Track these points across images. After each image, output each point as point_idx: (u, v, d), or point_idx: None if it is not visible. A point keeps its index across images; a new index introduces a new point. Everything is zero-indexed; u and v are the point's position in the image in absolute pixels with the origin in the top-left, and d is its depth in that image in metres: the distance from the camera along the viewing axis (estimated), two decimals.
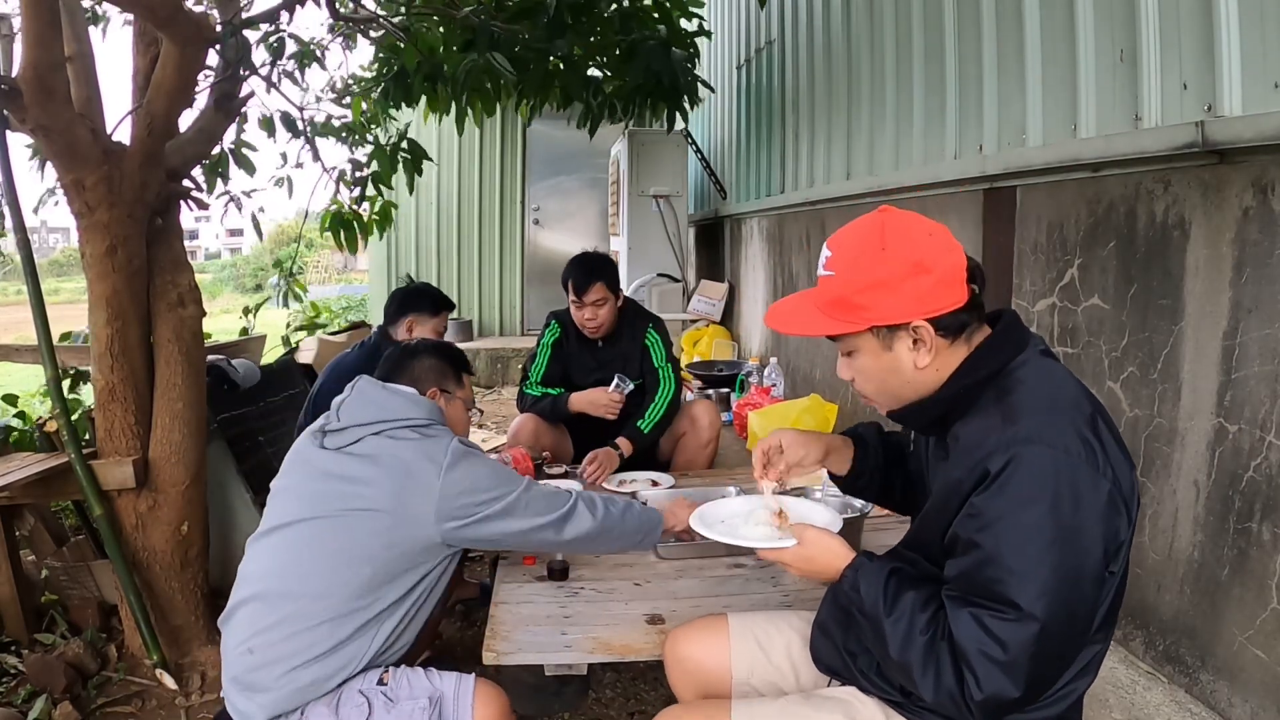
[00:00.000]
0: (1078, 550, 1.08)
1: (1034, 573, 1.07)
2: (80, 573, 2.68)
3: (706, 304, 6.65)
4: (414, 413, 1.72)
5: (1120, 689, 2.03)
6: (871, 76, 3.87)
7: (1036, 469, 1.08)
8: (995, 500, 1.10)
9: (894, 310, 1.17)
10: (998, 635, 1.07)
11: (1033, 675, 1.08)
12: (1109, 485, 1.10)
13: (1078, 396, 1.18)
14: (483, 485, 1.66)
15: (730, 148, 6.62)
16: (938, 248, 1.17)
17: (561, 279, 3.07)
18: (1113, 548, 1.12)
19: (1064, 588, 1.08)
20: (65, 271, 25.85)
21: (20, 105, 2.10)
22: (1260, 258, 1.77)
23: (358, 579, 1.57)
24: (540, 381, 3.10)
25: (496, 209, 8.16)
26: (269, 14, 3.16)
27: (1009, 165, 2.64)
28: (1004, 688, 1.08)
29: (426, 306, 2.81)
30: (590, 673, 2.35)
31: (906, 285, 1.16)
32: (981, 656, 1.08)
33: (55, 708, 2.24)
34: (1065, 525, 1.08)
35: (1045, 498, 1.08)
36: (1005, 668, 1.07)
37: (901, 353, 1.20)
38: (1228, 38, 1.80)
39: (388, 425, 1.67)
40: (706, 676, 1.51)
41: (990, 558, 1.09)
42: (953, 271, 1.17)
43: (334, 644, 1.54)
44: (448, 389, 1.91)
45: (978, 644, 1.08)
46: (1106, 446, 1.13)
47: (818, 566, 1.29)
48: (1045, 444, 1.09)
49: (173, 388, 2.47)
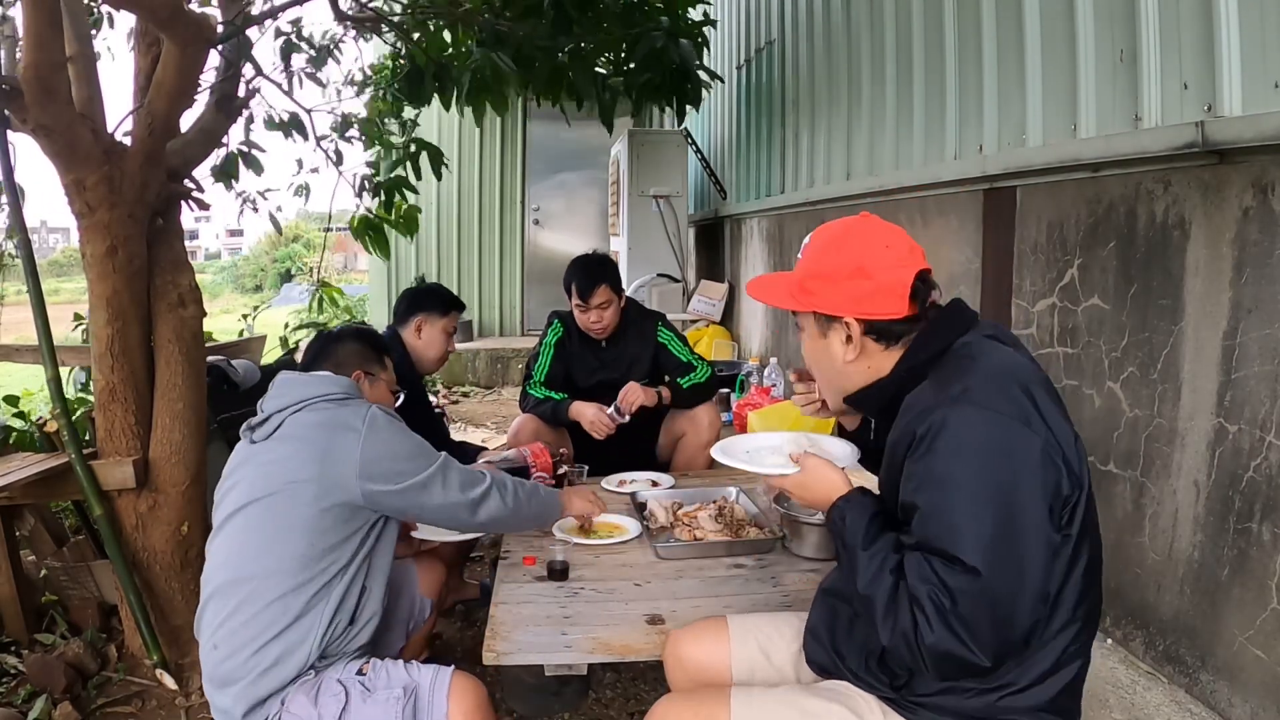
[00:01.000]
0: (1013, 504, 1.11)
1: (970, 527, 1.11)
2: (80, 573, 2.68)
3: (706, 304, 6.65)
4: (330, 389, 1.75)
5: (1120, 689, 2.03)
6: (872, 76, 3.87)
7: (964, 427, 1.13)
8: (927, 460, 1.15)
9: (831, 303, 1.30)
10: (947, 583, 1.10)
11: (985, 634, 1.10)
12: (1040, 440, 1.13)
13: (1014, 366, 1.22)
14: (403, 453, 1.70)
15: (730, 148, 6.62)
16: (886, 261, 1.27)
17: (564, 283, 3.05)
18: (1056, 504, 1.14)
19: (1003, 542, 1.10)
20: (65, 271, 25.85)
21: (21, 105, 2.10)
22: (1260, 258, 1.77)
23: (298, 550, 1.59)
24: (543, 381, 3.09)
25: (496, 209, 8.16)
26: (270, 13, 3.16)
27: (1009, 165, 2.64)
28: (954, 643, 1.10)
29: (436, 306, 2.80)
30: (590, 673, 2.35)
31: (846, 284, 1.28)
32: (933, 600, 1.11)
33: (55, 708, 2.24)
34: (996, 478, 1.11)
35: (974, 453, 1.12)
36: (956, 619, 1.09)
37: (834, 342, 1.31)
38: (1228, 38, 1.81)
39: (305, 402, 1.71)
40: (707, 679, 1.51)
41: (928, 516, 1.14)
42: (894, 285, 1.26)
43: (290, 620, 1.57)
44: (371, 371, 1.93)
45: (929, 588, 1.11)
46: (1041, 407, 1.16)
47: (814, 494, 1.35)
48: (971, 404, 1.15)
49: (173, 388, 2.46)
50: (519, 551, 2.15)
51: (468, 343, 7.67)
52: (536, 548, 2.15)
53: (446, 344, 2.80)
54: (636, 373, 3.10)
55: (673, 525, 2.25)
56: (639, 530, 2.23)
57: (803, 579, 1.97)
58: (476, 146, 8.05)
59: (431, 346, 2.77)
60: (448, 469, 1.75)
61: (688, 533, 2.18)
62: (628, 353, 3.12)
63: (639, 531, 2.23)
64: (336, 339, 1.95)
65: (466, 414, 6.10)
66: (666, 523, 2.26)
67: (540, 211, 8.14)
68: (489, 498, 1.80)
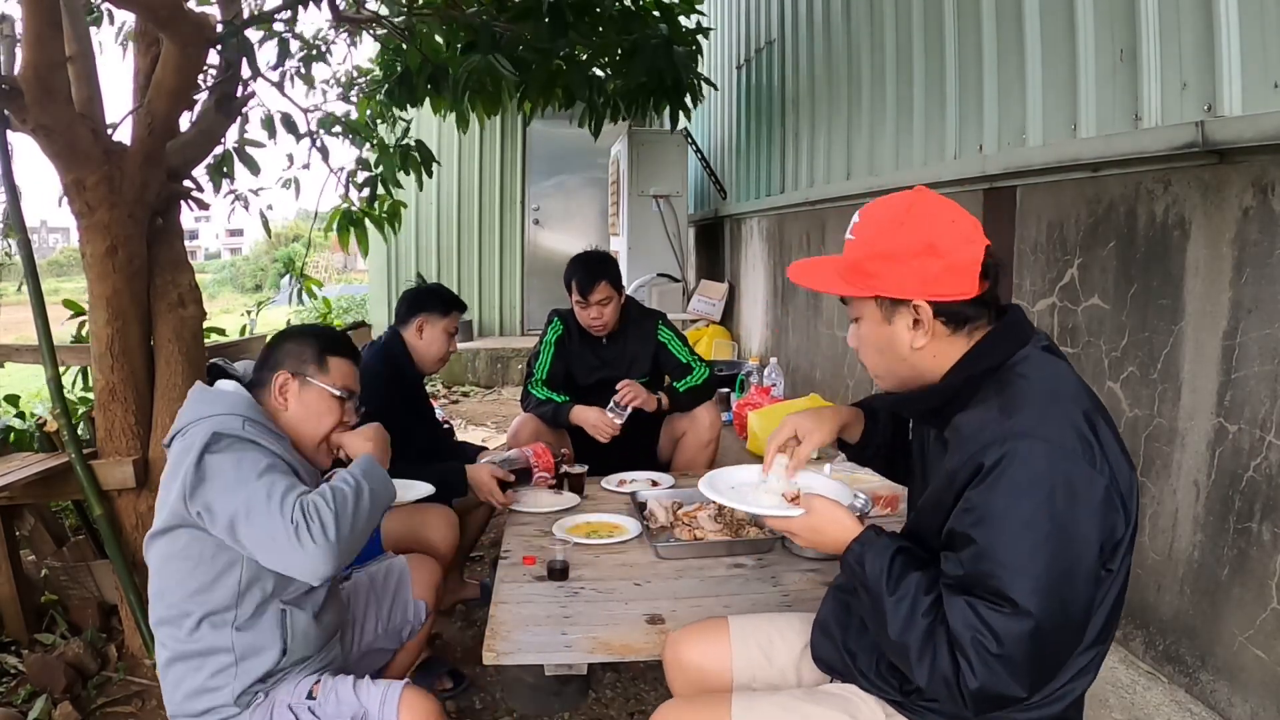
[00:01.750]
0: (1073, 546, 1.08)
1: (1028, 568, 1.07)
2: (80, 573, 2.68)
3: (706, 304, 6.65)
4: (206, 409, 1.57)
5: (1120, 689, 2.03)
6: (872, 76, 3.87)
7: (1031, 463, 1.08)
8: (990, 494, 1.09)
9: (899, 284, 1.19)
10: (993, 627, 1.07)
11: (1028, 671, 1.08)
12: (1105, 481, 1.10)
13: (1077, 392, 1.17)
14: (230, 481, 1.46)
15: (730, 148, 6.62)
16: (956, 236, 1.18)
17: (564, 279, 3.05)
18: (1109, 545, 1.12)
19: (1059, 584, 1.08)
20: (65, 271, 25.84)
21: (21, 105, 2.10)
22: (1260, 258, 1.77)
23: (187, 588, 1.54)
24: (545, 380, 3.09)
25: (496, 209, 8.16)
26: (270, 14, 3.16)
27: (1009, 165, 2.64)
28: (999, 682, 1.07)
29: (437, 306, 2.77)
30: (590, 673, 2.35)
31: (915, 263, 1.18)
32: (977, 646, 1.07)
33: (55, 708, 2.24)
34: (1060, 521, 1.07)
35: (1040, 492, 1.07)
36: (1001, 661, 1.07)
37: (900, 329, 1.21)
38: (1228, 38, 1.81)
39: (183, 428, 1.57)
40: (707, 680, 1.50)
41: (984, 552, 1.09)
42: (965, 263, 1.18)
43: (201, 662, 1.54)
44: (303, 373, 1.69)
45: (973, 633, 1.08)
46: (1104, 443, 1.13)
47: (825, 537, 1.29)
48: (1041, 438, 1.09)
49: (173, 388, 2.46)
50: (519, 551, 2.15)
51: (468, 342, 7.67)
52: (536, 548, 2.15)
53: (448, 344, 2.78)
54: (636, 371, 3.10)
55: (673, 525, 2.25)
56: (639, 530, 2.24)
57: (803, 579, 1.97)
58: (476, 146, 8.05)
59: (433, 346, 2.74)
60: (268, 494, 1.45)
61: (688, 533, 2.18)
62: (628, 351, 3.12)
63: (639, 531, 2.23)
64: (284, 335, 1.79)
65: (466, 414, 6.10)
66: (666, 523, 2.26)
67: (540, 211, 8.14)
68: (307, 533, 1.43)
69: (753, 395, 4.59)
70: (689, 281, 6.99)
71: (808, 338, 4.77)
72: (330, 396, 1.69)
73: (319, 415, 1.69)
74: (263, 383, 1.70)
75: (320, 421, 1.69)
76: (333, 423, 1.71)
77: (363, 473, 1.58)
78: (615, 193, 7.07)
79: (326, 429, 1.70)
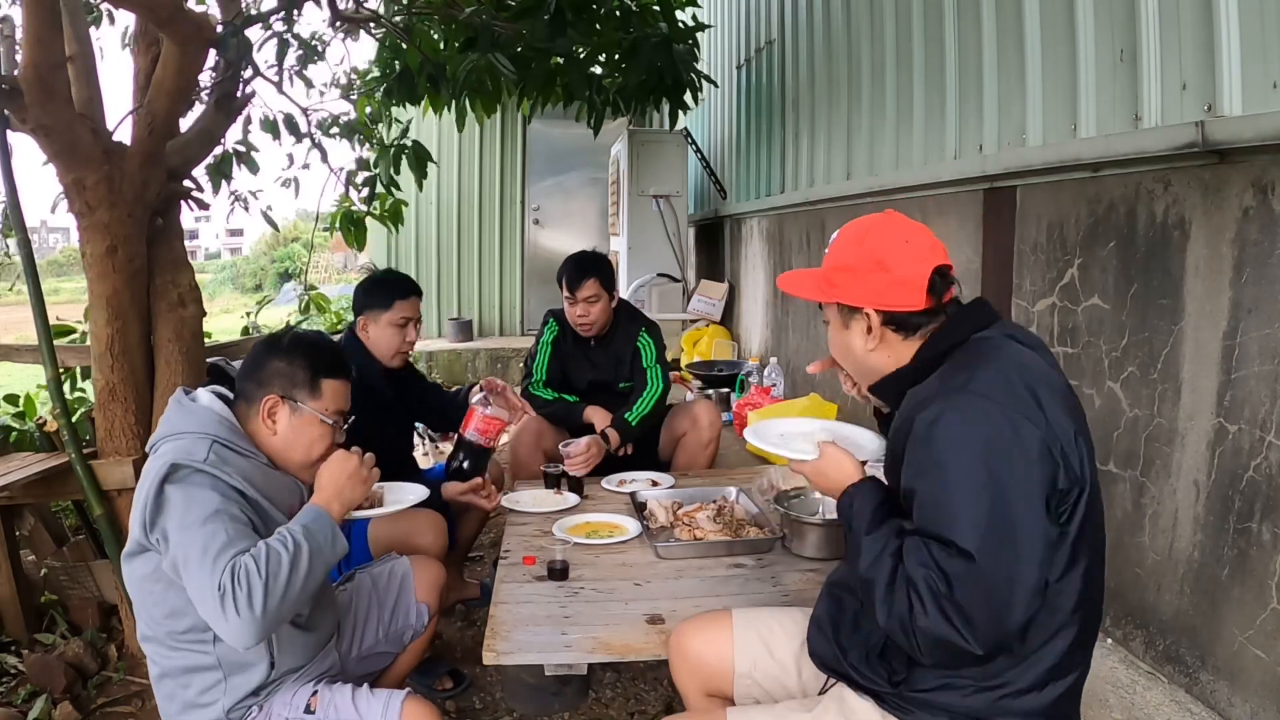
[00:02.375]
0: (1008, 492, 1.13)
1: (965, 513, 1.14)
2: (80, 573, 2.68)
3: (706, 304, 6.65)
4: (184, 426, 1.52)
5: (1120, 689, 2.03)
6: (872, 76, 3.87)
7: (963, 416, 1.17)
8: (925, 447, 1.19)
9: (853, 294, 1.35)
10: (944, 569, 1.14)
11: (978, 620, 1.12)
12: (1039, 432, 1.15)
13: (1025, 364, 1.23)
14: (187, 519, 1.41)
15: (730, 147, 6.62)
16: (907, 255, 1.32)
17: (556, 276, 3.08)
18: (1054, 498, 1.16)
19: (998, 528, 1.13)
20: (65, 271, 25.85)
21: (21, 105, 2.10)
22: (1260, 258, 1.77)
23: (166, 607, 1.51)
24: (545, 381, 3.10)
25: (496, 209, 8.16)
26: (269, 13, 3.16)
27: (1009, 165, 2.64)
28: (946, 626, 1.12)
29: (377, 301, 2.48)
30: (590, 673, 2.35)
31: (867, 277, 1.33)
32: (925, 586, 1.14)
33: (55, 708, 2.24)
34: (992, 468, 1.13)
35: (971, 442, 1.15)
36: (950, 604, 1.12)
37: (856, 333, 1.37)
38: (1228, 38, 1.81)
39: (155, 443, 1.53)
40: (709, 671, 1.53)
41: (925, 501, 1.19)
42: (912, 278, 1.31)
43: (185, 682, 1.53)
44: (293, 397, 1.61)
45: (925, 572, 1.15)
46: (1044, 402, 1.18)
47: (829, 480, 1.40)
48: (971, 394, 1.18)
49: (173, 388, 2.43)
50: (519, 551, 2.15)
51: (467, 342, 7.68)
52: (536, 548, 2.15)
53: (399, 336, 2.50)
54: (624, 374, 3.13)
55: (673, 525, 2.25)
56: (639, 530, 2.24)
57: (803, 579, 1.97)
58: (476, 146, 8.05)
59: (381, 343, 2.50)
60: (204, 548, 1.38)
61: (688, 532, 2.19)
62: (615, 355, 3.14)
63: (639, 531, 2.23)
64: (271, 350, 1.64)
65: None
66: (666, 523, 2.27)
67: (540, 211, 8.14)
68: (238, 590, 1.35)
69: (753, 395, 4.59)
70: (689, 281, 6.99)
71: (808, 338, 4.77)
72: (322, 423, 1.62)
73: (309, 442, 1.62)
74: (249, 398, 1.61)
75: (311, 448, 1.62)
76: (324, 448, 1.63)
77: (304, 532, 1.45)
78: (615, 193, 7.07)
79: (318, 455, 1.63)
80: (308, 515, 1.51)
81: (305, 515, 1.51)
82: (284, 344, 1.65)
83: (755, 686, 1.51)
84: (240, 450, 1.54)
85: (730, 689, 1.52)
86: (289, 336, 1.68)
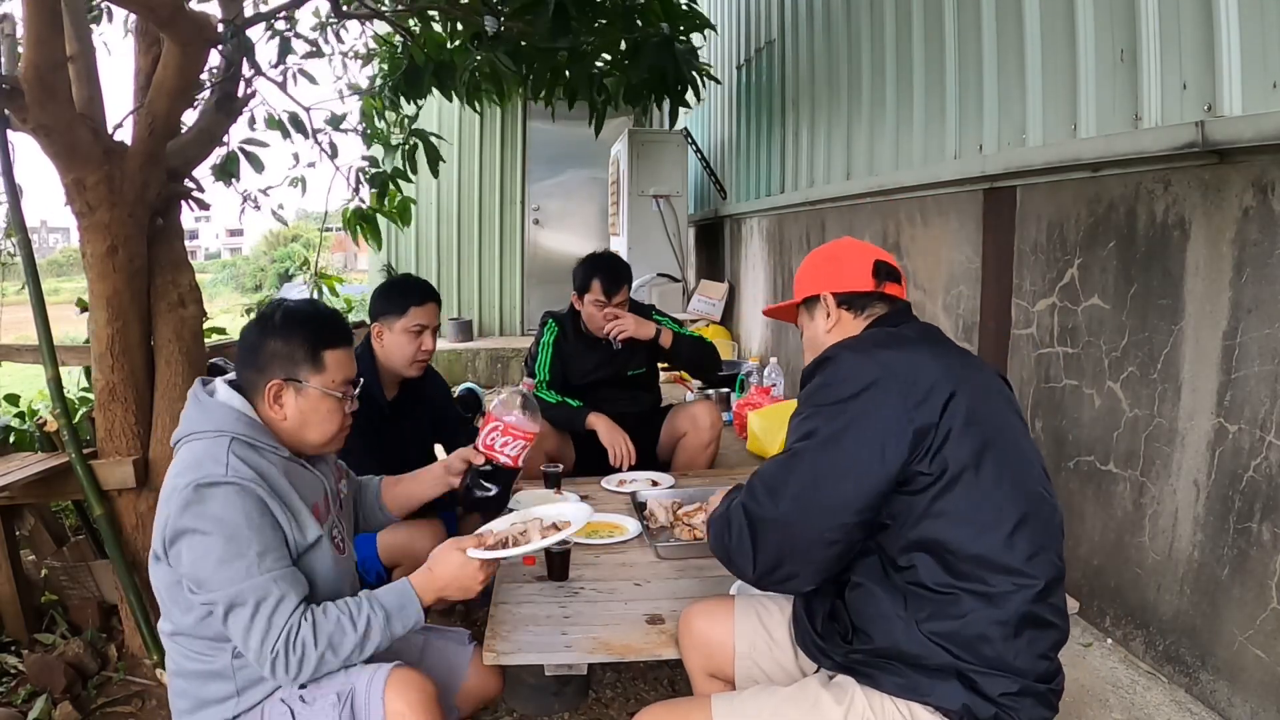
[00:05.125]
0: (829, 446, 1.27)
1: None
2: (80, 573, 2.68)
3: (706, 304, 6.66)
4: (205, 424, 1.47)
5: (1120, 689, 2.03)
6: (872, 76, 3.87)
7: (838, 365, 1.32)
8: (803, 388, 1.37)
9: (811, 286, 1.53)
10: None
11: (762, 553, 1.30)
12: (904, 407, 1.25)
13: (923, 345, 1.35)
14: (215, 551, 1.36)
15: (730, 147, 6.62)
16: (854, 251, 1.55)
17: (581, 277, 3.04)
18: (919, 446, 1.24)
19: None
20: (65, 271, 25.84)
21: (21, 105, 2.10)
22: (1260, 258, 1.77)
23: (183, 623, 1.47)
24: (548, 382, 3.10)
25: (496, 209, 8.15)
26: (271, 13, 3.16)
27: (1009, 165, 2.64)
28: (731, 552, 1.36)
29: (392, 306, 2.39)
30: (590, 673, 2.35)
31: (822, 269, 1.54)
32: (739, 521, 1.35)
33: (55, 708, 2.24)
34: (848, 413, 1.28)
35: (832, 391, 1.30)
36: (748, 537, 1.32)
37: (819, 319, 1.52)
38: (1228, 38, 1.81)
39: (179, 440, 1.49)
40: (712, 649, 1.59)
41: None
42: (858, 264, 1.50)
43: (194, 670, 1.49)
44: (296, 378, 1.52)
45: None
46: (921, 381, 1.26)
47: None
48: (848, 348, 1.34)
49: (173, 388, 2.47)
50: None
51: (467, 342, 7.67)
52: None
53: (414, 344, 2.39)
54: (635, 361, 3.14)
55: (673, 525, 2.25)
56: (639, 530, 2.23)
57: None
58: (476, 145, 8.05)
59: (394, 351, 2.39)
60: (258, 602, 1.36)
61: (688, 532, 2.19)
62: (626, 348, 3.12)
63: (639, 531, 2.23)
64: (264, 332, 1.54)
65: None
66: (666, 523, 2.27)
67: (540, 211, 8.14)
68: (290, 657, 1.36)
69: (753, 395, 4.59)
70: (689, 281, 7.00)
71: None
72: (331, 398, 1.55)
73: (322, 419, 1.55)
74: (252, 386, 1.53)
75: (324, 425, 1.56)
76: (339, 421, 1.57)
77: (384, 619, 1.44)
78: (615, 192, 7.08)
79: (333, 429, 1.57)
80: (397, 600, 1.48)
81: (396, 598, 1.48)
82: (277, 322, 1.53)
83: (755, 667, 1.54)
84: (260, 445, 1.48)
85: (732, 670, 1.56)
86: (280, 312, 1.55)
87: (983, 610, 1.22)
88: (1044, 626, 1.25)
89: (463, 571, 1.53)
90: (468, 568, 1.53)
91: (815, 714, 1.30)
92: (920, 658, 1.23)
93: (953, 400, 1.25)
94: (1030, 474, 1.31)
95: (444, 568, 1.53)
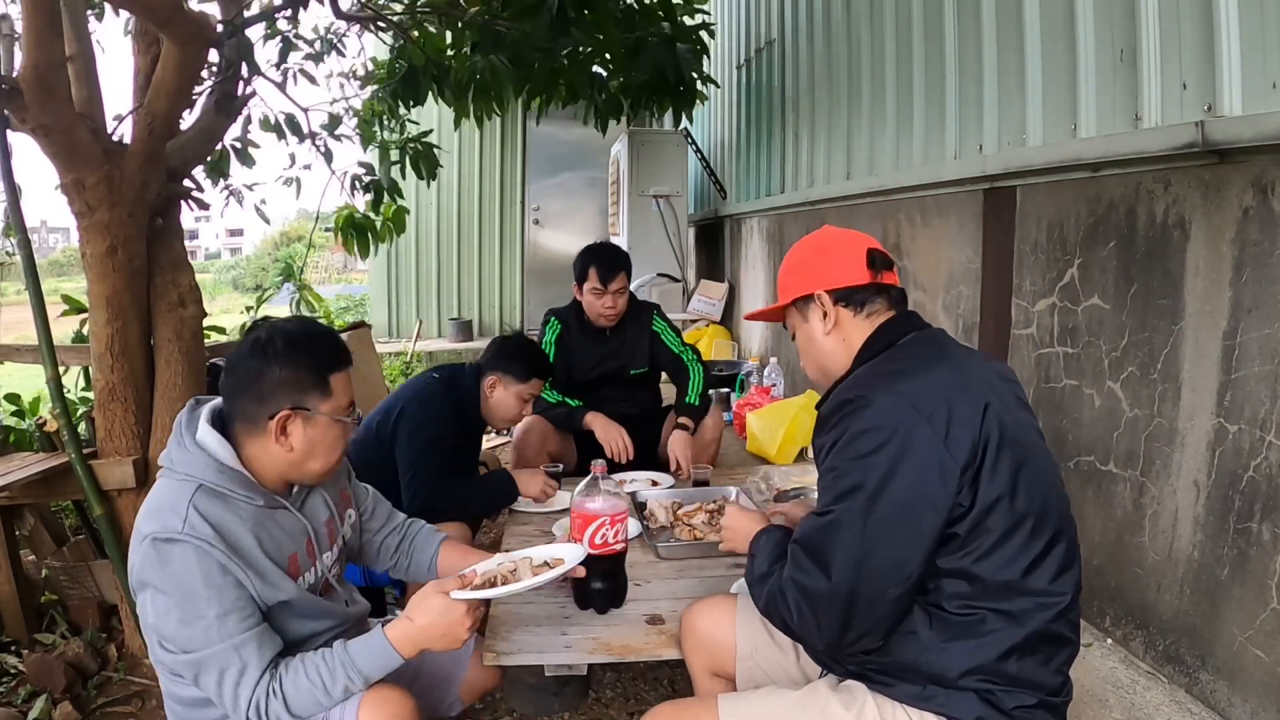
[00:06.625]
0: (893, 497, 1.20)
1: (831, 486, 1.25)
2: (80, 573, 2.68)
3: (706, 304, 6.65)
4: (183, 468, 1.37)
5: (1120, 689, 2.03)
6: (872, 76, 3.87)
7: (864, 415, 1.22)
8: (825, 434, 1.28)
9: (803, 285, 1.43)
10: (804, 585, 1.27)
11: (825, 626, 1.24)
12: (937, 446, 1.18)
13: (942, 364, 1.28)
14: (178, 610, 1.30)
15: (730, 147, 6.62)
16: (841, 240, 1.44)
17: (579, 267, 3.06)
18: (951, 485, 1.19)
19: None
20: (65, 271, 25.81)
21: (21, 105, 2.10)
22: (1260, 258, 1.77)
23: (161, 656, 1.40)
24: (550, 383, 3.10)
25: (496, 209, 8.17)
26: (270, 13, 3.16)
27: (1009, 165, 2.64)
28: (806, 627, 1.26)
29: (517, 370, 2.53)
30: (590, 673, 2.35)
31: (810, 263, 1.43)
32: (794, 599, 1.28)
33: (55, 708, 2.24)
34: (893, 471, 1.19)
35: (879, 435, 1.19)
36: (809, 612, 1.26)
37: (814, 321, 1.43)
38: (1228, 38, 1.81)
39: (161, 468, 1.42)
40: (714, 648, 1.58)
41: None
42: (850, 255, 1.40)
43: (183, 696, 1.43)
44: (304, 406, 1.42)
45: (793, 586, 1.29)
46: (954, 412, 1.20)
47: (739, 535, 1.54)
48: (866, 386, 1.25)
49: (173, 388, 2.47)
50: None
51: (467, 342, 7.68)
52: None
53: (519, 409, 2.57)
54: (636, 362, 3.15)
55: (673, 525, 2.25)
56: (639, 530, 2.23)
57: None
58: (476, 146, 8.06)
59: (500, 408, 2.56)
60: (221, 672, 1.30)
61: (688, 532, 2.19)
62: (628, 342, 3.15)
63: (639, 531, 2.23)
64: (265, 359, 1.41)
65: None
66: (666, 523, 2.27)
67: (540, 211, 8.15)
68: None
69: (753, 395, 4.59)
70: (689, 281, 7.00)
71: None
72: (339, 424, 1.45)
73: (329, 447, 1.45)
74: (250, 419, 1.41)
75: (330, 453, 1.46)
76: (343, 447, 1.49)
77: (362, 680, 1.36)
78: (615, 192, 7.08)
79: (336, 457, 1.48)
80: (377, 663, 1.37)
81: (374, 659, 1.37)
82: (279, 348, 1.42)
83: (756, 669, 1.54)
84: (231, 494, 1.38)
85: (733, 668, 1.56)
86: (280, 338, 1.43)
87: (1006, 630, 1.21)
88: (1062, 644, 1.25)
89: (445, 618, 1.39)
90: (451, 613, 1.39)
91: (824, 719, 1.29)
92: (941, 674, 1.23)
93: (985, 422, 1.20)
94: (1055, 491, 1.28)
95: (424, 615, 1.39)
